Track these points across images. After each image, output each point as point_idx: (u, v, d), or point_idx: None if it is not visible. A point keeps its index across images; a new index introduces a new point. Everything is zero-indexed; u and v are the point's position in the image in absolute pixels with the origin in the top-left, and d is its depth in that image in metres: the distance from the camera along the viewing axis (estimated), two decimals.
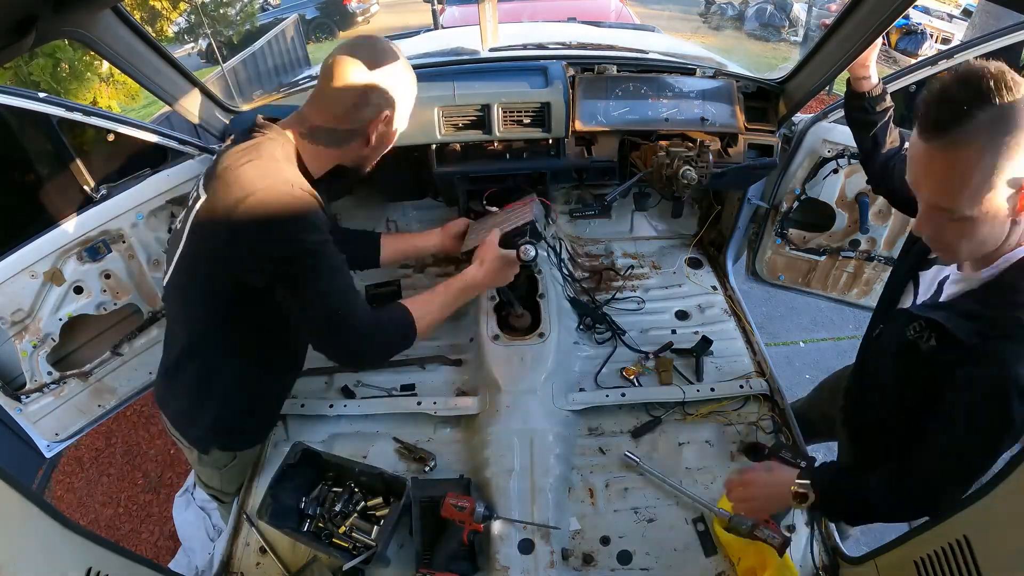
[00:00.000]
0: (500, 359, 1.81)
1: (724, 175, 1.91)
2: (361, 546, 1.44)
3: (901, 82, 1.83)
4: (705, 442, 1.69)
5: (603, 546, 1.50)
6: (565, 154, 1.96)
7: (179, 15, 7.84)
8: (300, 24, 8.42)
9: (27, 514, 0.96)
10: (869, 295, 2.25)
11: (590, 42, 2.65)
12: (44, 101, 1.67)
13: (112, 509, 3.02)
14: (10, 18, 0.96)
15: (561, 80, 1.87)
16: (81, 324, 1.96)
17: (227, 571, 1.51)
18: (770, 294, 2.44)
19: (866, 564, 1.29)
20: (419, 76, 1.96)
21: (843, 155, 2.00)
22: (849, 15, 1.54)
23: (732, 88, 1.96)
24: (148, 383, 2.14)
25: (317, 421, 1.80)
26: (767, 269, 2.34)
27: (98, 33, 1.44)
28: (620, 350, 1.95)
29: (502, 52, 2.13)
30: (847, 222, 2.14)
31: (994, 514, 0.94)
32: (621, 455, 1.65)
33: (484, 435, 1.68)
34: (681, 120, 1.92)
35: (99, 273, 1.90)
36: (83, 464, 3.24)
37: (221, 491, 1.73)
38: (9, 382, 1.89)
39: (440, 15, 4.86)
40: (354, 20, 11.85)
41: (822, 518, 1.49)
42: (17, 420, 1.92)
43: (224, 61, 6.22)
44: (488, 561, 1.46)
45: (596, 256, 2.37)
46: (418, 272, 2.40)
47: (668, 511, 1.56)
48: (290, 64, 7.49)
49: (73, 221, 1.82)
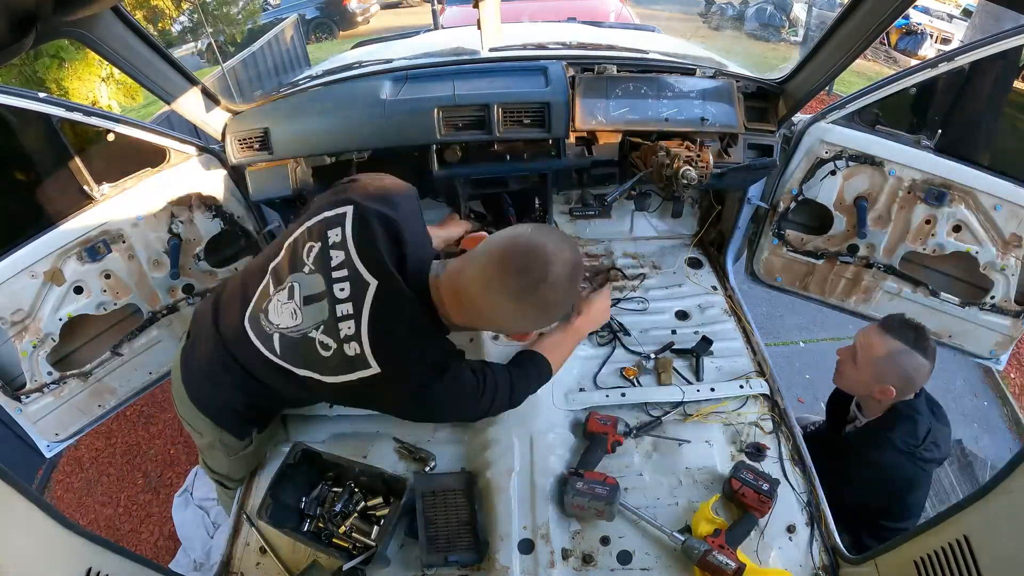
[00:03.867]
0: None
1: (724, 175, 1.91)
2: (361, 546, 1.45)
3: (901, 84, 1.83)
4: (705, 442, 1.69)
5: (603, 546, 1.50)
6: (565, 154, 1.96)
7: (180, 14, 7.85)
8: (300, 24, 8.43)
9: (27, 514, 0.96)
10: (869, 303, 2.23)
11: (590, 42, 2.65)
12: (44, 101, 1.67)
13: (112, 509, 3.02)
14: (10, 18, 0.96)
15: (561, 80, 1.87)
16: (81, 324, 1.96)
17: (227, 571, 1.51)
18: (770, 294, 2.43)
19: (866, 564, 1.29)
20: (419, 76, 1.99)
21: (841, 157, 1.99)
22: (849, 15, 1.54)
23: (732, 88, 1.96)
24: (148, 383, 2.14)
25: (317, 421, 1.80)
26: (764, 269, 2.33)
27: (98, 33, 1.44)
28: (620, 350, 1.95)
29: (502, 52, 2.13)
30: (845, 226, 2.12)
31: (994, 514, 0.94)
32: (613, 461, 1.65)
33: (484, 435, 1.68)
34: (681, 120, 1.91)
35: (99, 273, 1.90)
36: (83, 464, 3.24)
37: (227, 477, 1.70)
38: (9, 382, 1.89)
39: (440, 15, 4.86)
40: (354, 20, 11.84)
41: (822, 518, 1.49)
42: (17, 420, 1.92)
43: (224, 61, 6.22)
44: (488, 561, 1.46)
45: (596, 256, 2.37)
46: None
47: (668, 511, 1.56)
48: (290, 64, 7.50)
49: (73, 221, 1.82)
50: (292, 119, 1.91)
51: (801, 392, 3.29)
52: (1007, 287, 2.01)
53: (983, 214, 1.92)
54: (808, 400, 3.24)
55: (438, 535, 1.46)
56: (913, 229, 2.00)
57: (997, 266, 1.97)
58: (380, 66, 2.09)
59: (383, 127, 1.84)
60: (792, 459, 1.64)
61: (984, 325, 2.09)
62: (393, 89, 1.88)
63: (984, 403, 3.42)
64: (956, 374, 3.49)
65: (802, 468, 1.62)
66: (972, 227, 1.94)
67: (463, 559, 1.45)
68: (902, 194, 1.97)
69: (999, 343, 2.12)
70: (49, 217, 1.81)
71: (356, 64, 2.29)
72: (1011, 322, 2.05)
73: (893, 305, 2.15)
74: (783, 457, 1.64)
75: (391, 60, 2.18)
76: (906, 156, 1.93)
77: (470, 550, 1.45)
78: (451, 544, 1.45)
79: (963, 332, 2.15)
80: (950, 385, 3.44)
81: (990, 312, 2.05)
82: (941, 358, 1.69)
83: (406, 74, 1.96)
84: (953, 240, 1.98)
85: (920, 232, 2.00)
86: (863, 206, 2.04)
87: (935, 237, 1.98)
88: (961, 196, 1.91)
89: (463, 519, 1.48)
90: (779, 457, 1.64)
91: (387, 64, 2.10)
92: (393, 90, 1.88)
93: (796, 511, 1.52)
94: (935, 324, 2.10)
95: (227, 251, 2.16)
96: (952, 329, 2.15)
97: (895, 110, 1.98)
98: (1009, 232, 1.92)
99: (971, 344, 2.16)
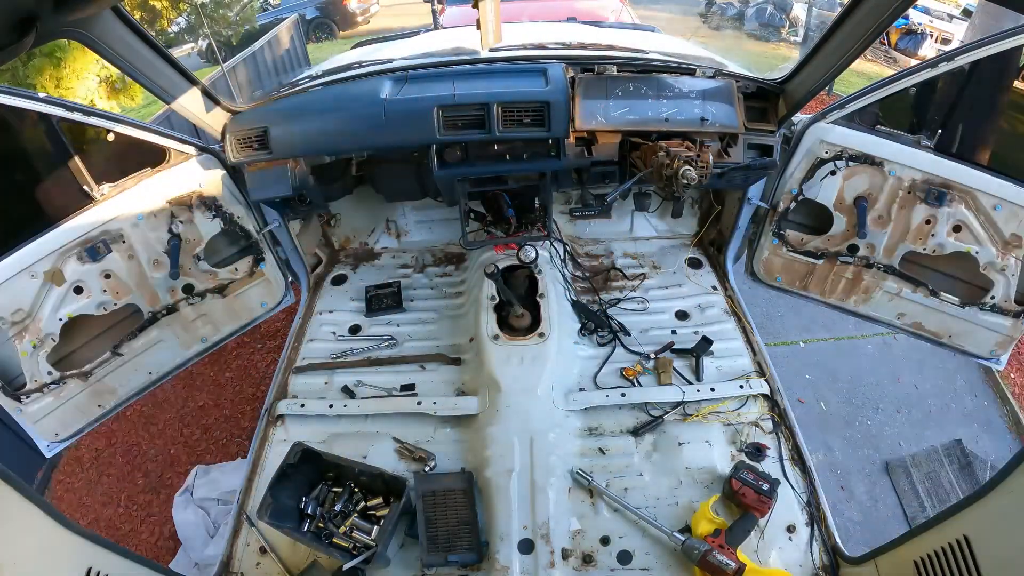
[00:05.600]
0: (500, 359, 1.81)
1: (724, 175, 1.90)
2: (361, 546, 1.45)
3: (901, 84, 1.83)
4: (705, 442, 1.69)
5: (603, 546, 1.50)
6: (565, 154, 1.96)
7: (179, 15, 7.84)
8: (300, 24, 8.42)
9: (27, 514, 0.96)
10: (868, 303, 2.23)
11: (590, 42, 2.65)
12: (44, 101, 1.67)
13: (112, 509, 3.01)
14: (10, 18, 0.96)
15: (561, 80, 1.87)
16: (81, 324, 1.96)
17: (227, 571, 1.51)
18: (770, 294, 2.43)
19: (866, 564, 1.29)
20: (419, 76, 1.99)
21: (841, 157, 1.99)
22: (849, 15, 1.53)
23: (732, 88, 1.96)
24: (148, 383, 2.14)
25: (317, 421, 1.80)
26: (764, 269, 2.33)
27: (98, 33, 1.44)
28: (620, 350, 1.95)
29: (502, 52, 2.13)
30: (845, 226, 2.12)
31: (994, 514, 0.94)
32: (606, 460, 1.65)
33: (484, 435, 1.68)
34: (681, 120, 1.91)
35: (99, 273, 1.90)
36: (83, 464, 3.24)
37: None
38: (9, 382, 1.89)
39: (440, 15, 4.86)
40: (354, 20, 11.83)
41: (822, 518, 1.49)
42: (17, 420, 1.92)
43: (224, 61, 6.22)
44: (488, 561, 1.46)
45: (597, 256, 2.37)
46: (418, 272, 2.40)
47: (668, 511, 1.56)
48: (290, 64, 7.49)
49: (73, 221, 1.82)
50: (291, 119, 1.91)
51: (801, 392, 3.29)
52: (1007, 287, 1.99)
53: (983, 214, 1.91)
54: (808, 400, 3.24)
55: (438, 535, 1.46)
56: (913, 229, 2.00)
57: (997, 266, 1.96)
58: (380, 66, 2.09)
59: (383, 127, 1.84)
60: (792, 459, 1.64)
61: (984, 325, 2.07)
62: (393, 89, 1.88)
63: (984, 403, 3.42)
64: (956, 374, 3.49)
65: (802, 468, 1.62)
66: (972, 227, 1.93)
67: (463, 559, 1.45)
68: (902, 194, 1.97)
69: (999, 343, 2.10)
70: (49, 217, 1.81)
71: (356, 64, 2.29)
72: (1011, 322, 2.04)
73: (893, 305, 2.15)
74: (783, 457, 1.64)
75: (391, 60, 2.18)
76: (906, 156, 1.92)
77: (470, 550, 1.45)
78: (451, 544, 1.45)
79: (963, 332, 2.13)
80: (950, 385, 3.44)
81: (990, 312, 2.04)
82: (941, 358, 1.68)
83: (406, 74, 1.96)
84: (953, 240, 1.97)
85: (920, 232, 2.00)
86: (863, 206, 2.04)
87: (935, 237, 1.99)
88: (961, 196, 1.91)
89: (463, 519, 1.48)
90: (779, 457, 1.64)
91: (387, 64, 2.10)
92: (393, 90, 1.88)
93: (796, 511, 1.52)
94: (935, 324, 2.10)
95: (227, 251, 2.16)
96: (952, 329, 2.13)
97: (895, 110, 1.98)
98: (1009, 232, 1.90)
99: (971, 344, 2.14)
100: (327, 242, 2.52)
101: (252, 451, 1.78)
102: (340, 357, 2.04)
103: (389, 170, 2.20)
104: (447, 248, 2.50)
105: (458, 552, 1.45)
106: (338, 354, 2.05)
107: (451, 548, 1.45)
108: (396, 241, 2.56)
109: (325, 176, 2.13)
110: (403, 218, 2.53)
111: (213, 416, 3.31)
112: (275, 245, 2.23)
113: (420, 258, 2.46)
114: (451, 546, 1.45)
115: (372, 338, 2.11)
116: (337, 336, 2.15)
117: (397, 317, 2.19)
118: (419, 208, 2.52)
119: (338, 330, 2.17)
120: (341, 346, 2.09)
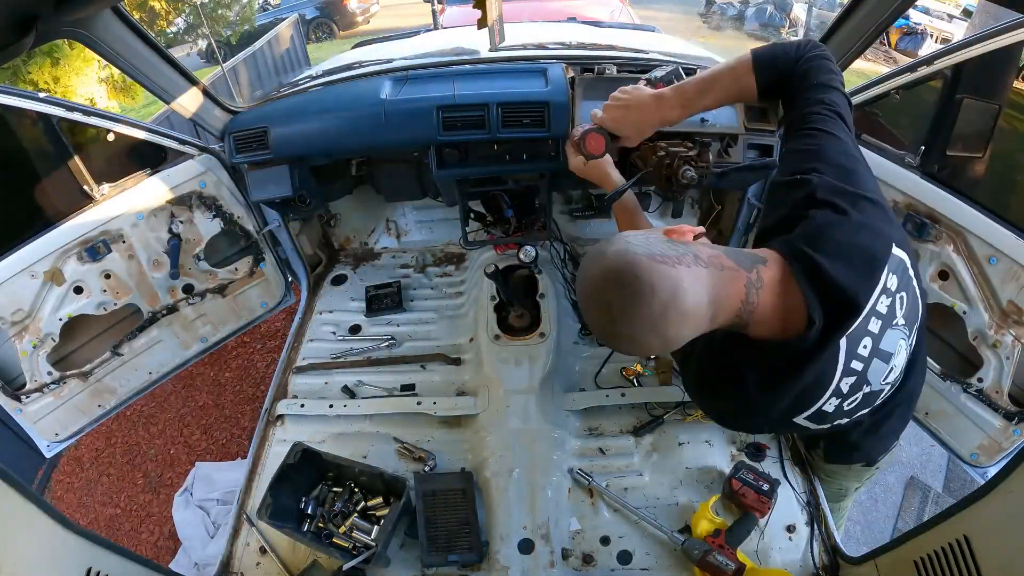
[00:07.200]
0: (500, 359, 1.81)
1: (724, 175, 1.90)
2: (361, 546, 1.45)
3: (900, 81, 1.83)
4: (705, 442, 1.69)
5: (603, 546, 1.50)
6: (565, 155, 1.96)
7: (179, 15, 7.85)
8: (300, 24, 8.42)
9: (27, 514, 0.96)
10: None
11: (590, 42, 2.65)
12: (44, 101, 1.67)
13: (112, 509, 3.01)
14: (10, 18, 0.96)
15: (561, 80, 1.87)
16: (81, 324, 1.96)
17: (227, 571, 1.51)
18: None
19: (866, 564, 1.29)
20: (419, 76, 1.98)
21: None
22: (848, 15, 1.53)
23: None
24: (148, 383, 2.14)
25: (317, 421, 1.80)
26: None
27: (98, 33, 1.45)
28: None
29: (502, 52, 2.13)
30: None
31: (994, 514, 0.94)
32: (616, 460, 1.65)
33: (484, 435, 1.68)
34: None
35: (99, 273, 1.90)
36: (83, 464, 3.24)
37: None
38: (9, 382, 1.89)
39: (440, 15, 4.86)
40: (354, 20, 11.84)
41: (822, 518, 1.49)
42: (17, 420, 1.92)
43: (224, 61, 6.22)
44: (488, 561, 1.46)
45: None
46: (418, 272, 2.40)
47: (668, 511, 1.56)
48: (290, 64, 7.49)
49: (73, 221, 1.82)
50: (291, 119, 1.91)
51: None
52: (999, 372, 1.53)
53: (975, 265, 1.52)
54: None
55: (438, 535, 1.46)
56: None
57: (989, 339, 1.52)
58: (380, 66, 2.09)
59: (383, 127, 1.84)
60: (792, 459, 1.64)
61: (967, 414, 1.61)
62: (393, 89, 1.88)
63: None
64: None
65: (802, 468, 1.62)
66: (960, 277, 1.55)
67: (463, 559, 1.45)
68: None
69: (983, 447, 1.60)
70: (49, 217, 1.81)
71: (356, 64, 2.28)
72: (1001, 424, 1.54)
73: None
74: (783, 457, 1.64)
75: (391, 60, 2.18)
76: (886, 172, 1.66)
77: (470, 550, 1.45)
78: (451, 544, 1.45)
79: (941, 414, 1.67)
80: None
81: (976, 400, 1.58)
82: None
83: (406, 74, 1.96)
84: (936, 288, 1.60)
85: None
86: None
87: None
88: (949, 235, 1.55)
89: (463, 519, 1.48)
90: (779, 457, 1.64)
91: (387, 64, 2.10)
92: (393, 90, 1.88)
93: (796, 511, 1.52)
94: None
95: (227, 251, 2.16)
96: (930, 406, 1.68)
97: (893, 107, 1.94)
98: (1006, 299, 1.48)
99: (949, 433, 1.68)
100: (327, 242, 2.52)
101: (252, 451, 1.78)
102: (340, 357, 2.05)
103: (389, 170, 2.19)
104: (447, 248, 2.50)
105: (458, 552, 1.45)
106: (338, 354, 2.05)
107: (451, 548, 1.45)
108: (396, 241, 2.56)
109: (325, 176, 2.13)
110: (403, 218, 2.53)
111: (213, 416, 3.31)
112: (275, 245, 2.23)
113: (420, 258, 2.46)
114: (451, 546, 1.45)
115: (372, 338, 2.11)
116: (337, 336, 2.15)
117: (397, 317, 2.19)
118: (419, 208, 2.52)
119: (338, 330, 2.17)
120: (341, 346, 2.09)
